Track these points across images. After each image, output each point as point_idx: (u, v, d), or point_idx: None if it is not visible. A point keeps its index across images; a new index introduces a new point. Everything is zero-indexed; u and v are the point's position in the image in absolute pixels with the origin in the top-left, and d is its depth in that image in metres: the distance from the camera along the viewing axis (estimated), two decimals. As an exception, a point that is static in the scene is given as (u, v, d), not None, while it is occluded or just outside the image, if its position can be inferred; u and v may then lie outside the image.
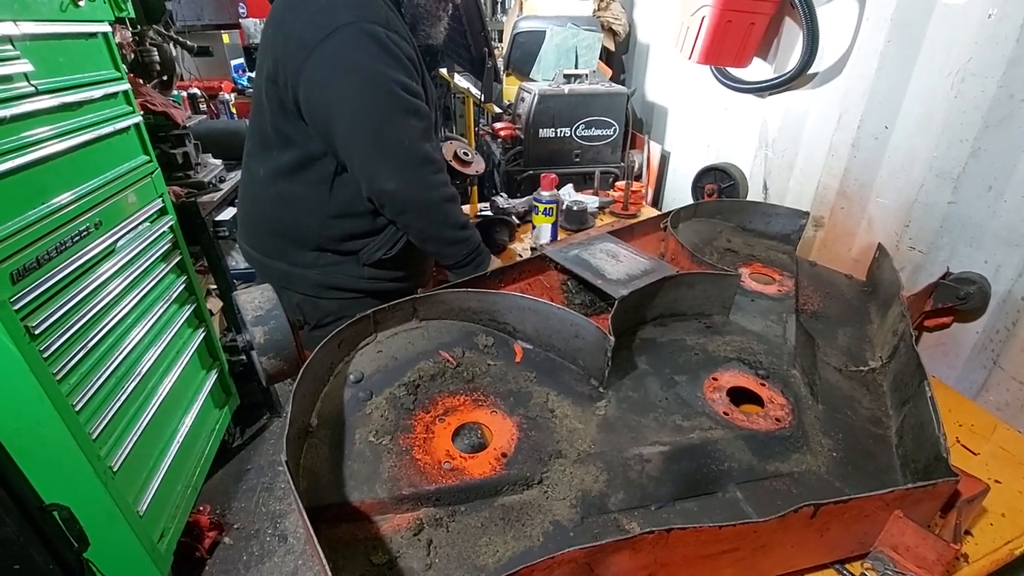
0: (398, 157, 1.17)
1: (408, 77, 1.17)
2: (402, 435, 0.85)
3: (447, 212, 1.27)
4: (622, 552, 0.67)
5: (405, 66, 1.17)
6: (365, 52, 1.12)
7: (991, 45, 1.24)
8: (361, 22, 1.11)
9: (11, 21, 1.28)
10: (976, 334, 1.35)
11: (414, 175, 1.20)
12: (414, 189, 1.21)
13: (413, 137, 1.18)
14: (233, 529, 2.13)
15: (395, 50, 1.15)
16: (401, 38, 1.17)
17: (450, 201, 1.26)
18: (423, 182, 1.21)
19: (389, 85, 1.14)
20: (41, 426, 1.31)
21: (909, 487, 0.76)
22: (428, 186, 1.22)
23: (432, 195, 1.23)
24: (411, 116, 1.17)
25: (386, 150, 1.16)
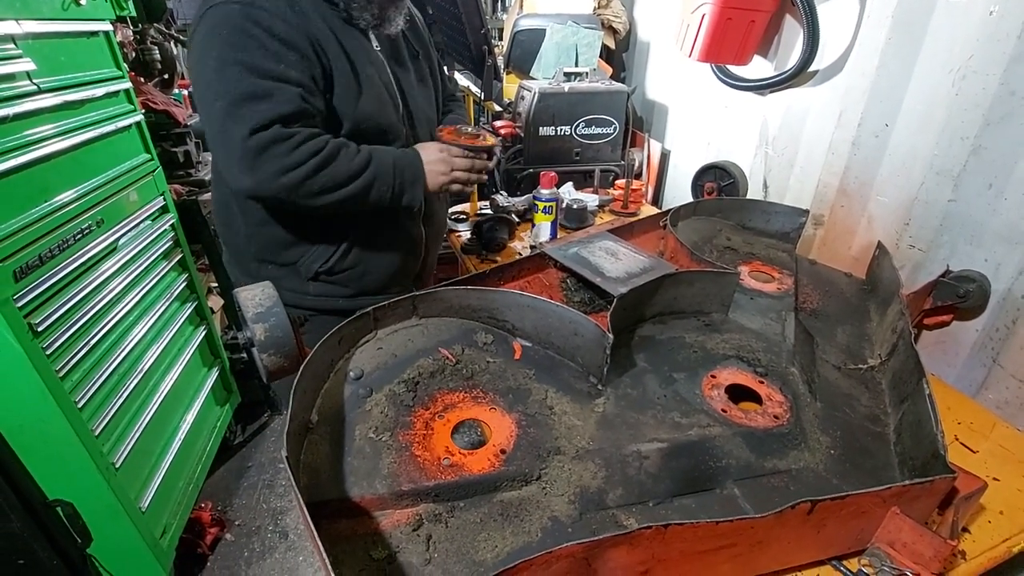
0: (241, 150, 1.06)
1: (265, 58, 1.05)
2: (402, 431, 0.86)
3: (329, 174, 1.12)
4: (620, 547, 0.67)
5: (261, 43, 1.05)
6: (214, 35, 1.05)
7: (992, 42, 1.24)
8: (227, 2, 1.05)
9: (13, 20, 1.28)
10: (976, 332, 1.35)
11: (262, 165, 1.07)
12: (271, 177, 1.08)
13: (255, 123, 1.04)
14: (234, 526, 2.14)
15: (253, 29, 1.04)
16: (274, 15, 1.06)
17: (324, 164, 1.11)
18: (277, 167, 1.07)
19: (229, 70, 1.04)
20: (44, 423, 1.32)
21: (906, 484, 0.77)
22: (283, 168, 1.08)
23: (296, 174, 1.09)
24: (253, 101, 1.05)
25: (229, 146, 1.07)
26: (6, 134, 1.26)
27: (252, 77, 1.05)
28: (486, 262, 1.84)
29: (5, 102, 1.26)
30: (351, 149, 1.17)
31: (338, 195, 1.15)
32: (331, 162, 1.13)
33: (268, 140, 1.06)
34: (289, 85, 1.08)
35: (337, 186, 1.14)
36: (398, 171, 1.20)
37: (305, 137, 1.10)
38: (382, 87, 1.25)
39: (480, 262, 1.85)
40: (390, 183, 1.19)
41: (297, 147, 1.08)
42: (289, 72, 1.08)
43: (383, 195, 1.19)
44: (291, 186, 1.10)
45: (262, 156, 1.06)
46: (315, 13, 1.14)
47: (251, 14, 1.05)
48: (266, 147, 1.06)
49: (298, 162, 1.09)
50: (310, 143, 1.10)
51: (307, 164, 1.09)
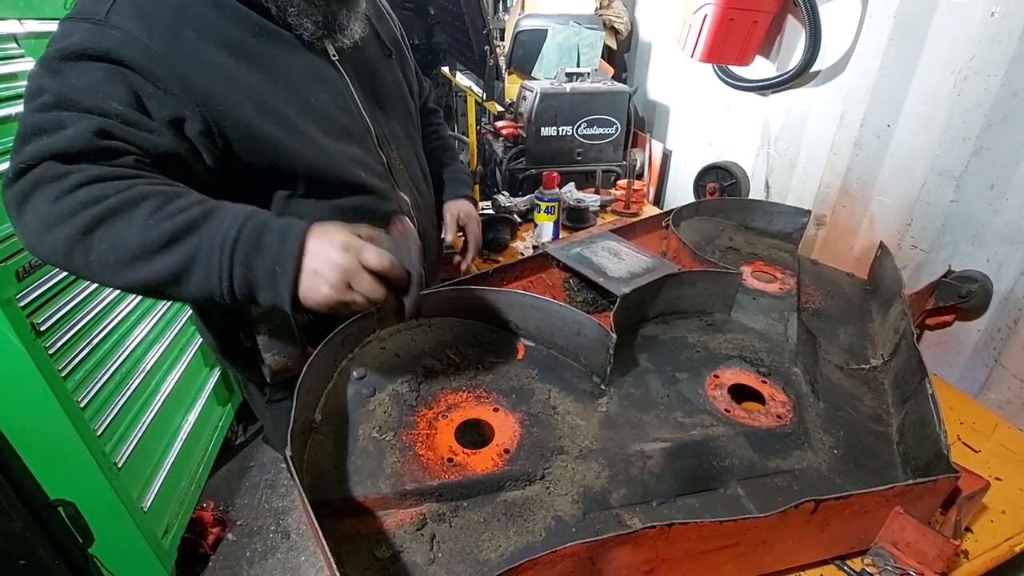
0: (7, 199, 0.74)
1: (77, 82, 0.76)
2: (405, 431, 0.86)
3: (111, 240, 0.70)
4: (623, 547, 0.67)
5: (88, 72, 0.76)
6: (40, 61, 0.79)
7: (994, 43, 1.24)
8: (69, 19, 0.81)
9: (16, 19, 1.29)
10: (978, 332, 1.35)
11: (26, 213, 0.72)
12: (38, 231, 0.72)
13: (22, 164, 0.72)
14: (236, 525, 2.14)
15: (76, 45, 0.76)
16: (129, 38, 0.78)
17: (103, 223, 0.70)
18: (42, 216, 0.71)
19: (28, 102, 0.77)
20: (46, 422, 1.33)
21: (909, 483, 0.77)
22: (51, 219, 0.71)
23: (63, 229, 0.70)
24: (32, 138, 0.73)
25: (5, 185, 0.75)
26: (8, 134, 1.26)
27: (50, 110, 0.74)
28: (488, 262, 1.84)
29: (7, 102, 1.26)
30: (172, 203, 0.73)
31: (130, 275, 0.72)
32: (118, 217, 0.71)
33: (32, 181, 0.72)
34: (96, 116, 0.75)
35: (123, 260, 0.71)
36: (242, 251, 0.72)
37: (89, 177, 0.72)
38: (342, 117, 0.98)
39: (482, 262, 1.85)
40: (219, 268, 0.72)
41: (70, 191, 0.71)
42: (106, 104, 0.76)
43: (208, 285, 0.72)
44: (59, 249, 0.71)
45: (26, 203, 0.72)
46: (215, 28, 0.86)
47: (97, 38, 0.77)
48: (28, 191, 0.72)
49: (65, 213, 0.70)
50: (93, 187, 0.71)
51: (76, 217, 0.70)
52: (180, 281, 0.72)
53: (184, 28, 0.83)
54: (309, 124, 0.93)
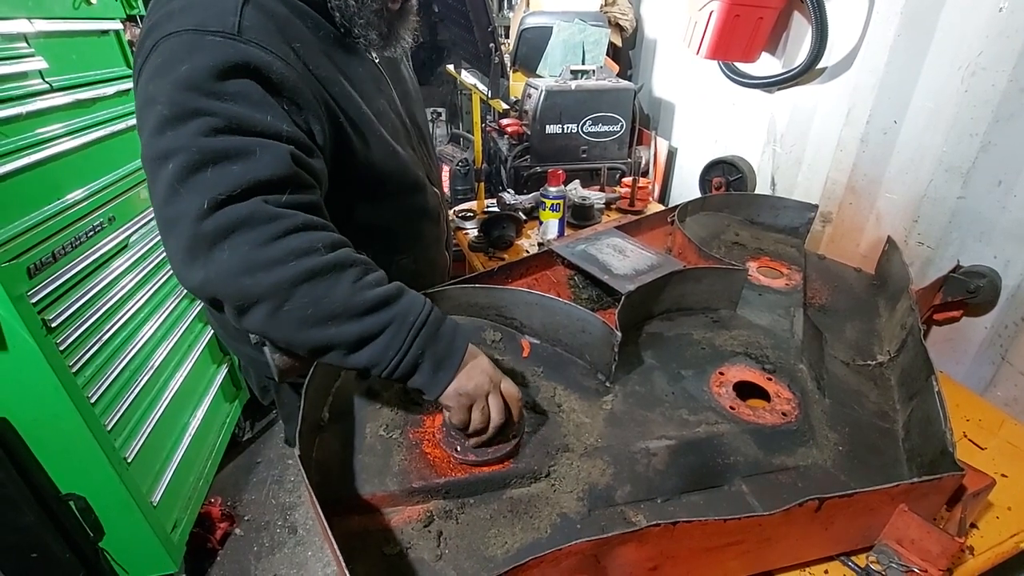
0: (192, 231, 0.69)
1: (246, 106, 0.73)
2: (412, 429, 0.87)
3: (315, 296, 0.71)
4: (629, 544, 0.68)
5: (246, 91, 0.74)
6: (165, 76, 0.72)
7: (1002, 39, 1.23)
8: (193, 31, 0.74)
9: (26, 19, 1.30)
10: (985, 329, 1.35)
11: (223, 252, 0.69)
12: (231, 273, 0.69)
13: (218, 192, 0.68)
14: (244, 520, 2.16)
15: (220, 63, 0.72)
16: (271, 52, 0.76)
17: (311, 279, 0.71)
18: (242, 259, 0.69)
19: (184, 122, 0.70)
20: (58, 417, 1.34)
21: (914, 481, 0.77)
22: (252, 265, 0.69)
23: (267, 277, 0.69)
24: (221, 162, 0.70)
25: (170, 223, 0.71)
26: (19, 132, 1.28)
27: (227, 133, 0.71)
28: (494, 260, 1.84)
29: (18, 100, 1.27)
30: (370, 273, 0.76)
31: (315, 335, 0.73)
32: (326, 276, 0.72)
33: (235, 219, 0.69)
34: (277, 141, 0.74)
35: (320, 318, 0.72)
36: (425, 333, 0.76)
37: (298, 224, 0.72)
38: (397, 121, 1.01)
39: (488, 260, 1.85)
40: (404, 343, 0.75)
41: (282, 236, 0.70)
42: (279, 125, 0.75)
43: (386, 358, 0.75)
44: (253, 295, 0.70)
45: (223, 240, 0.69)
46: (313, 38, 0.86)
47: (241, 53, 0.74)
48: (231, 228, 0.68)
49: (273, 259, 0.69)
50: (304, 235, 0.72)
51: (287, 266, 0.69)
52: (359, 347, 0.74)
53: (293, 40, 0.82)
54: (383, 131, 0.95)
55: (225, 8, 0.76)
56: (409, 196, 1.04)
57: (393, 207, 1.03)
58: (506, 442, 0.83)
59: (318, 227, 0.75)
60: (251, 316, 0.72)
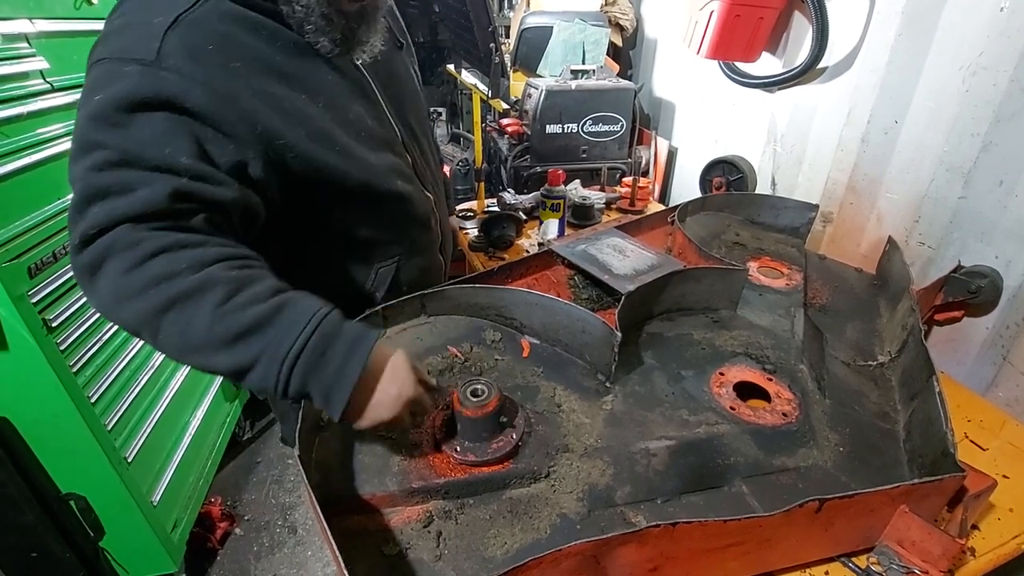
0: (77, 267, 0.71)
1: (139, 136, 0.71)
2: (412, 429, 0.86)
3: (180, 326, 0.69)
4: (628, 545, 0.68)
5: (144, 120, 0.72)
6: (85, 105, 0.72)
7: (1003, 39, 1.23)
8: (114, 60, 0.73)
9: (27, 19, 1.30)
10: (986, 329, 1.34)
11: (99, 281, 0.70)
12: (111, 302, 0.70)
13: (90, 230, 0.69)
14: (244, 520, 2.16)
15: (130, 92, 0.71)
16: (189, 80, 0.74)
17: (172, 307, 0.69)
18: (112, 290, 0.69)
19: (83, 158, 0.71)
20: (58, 417, 1.34)
21: (915, 482, 0.77)
22: (120, 294, 0.69)
23: (134, 309, 0.69)
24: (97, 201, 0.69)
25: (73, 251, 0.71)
26: (20, 132, 1.28)
27: (113, 168, 0.70)
28: (494, 260, 1.84)
29: (20, 100, 1.27)
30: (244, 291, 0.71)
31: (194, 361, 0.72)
32: (188, 301, 0.69)
33: (102, 249, 0.69)
34: (169, 175, 0.72)
35: (188, 347, 0.71)
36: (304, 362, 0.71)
37: (160, 247, 0.69)
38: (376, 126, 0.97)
39: (488, 259, 1.85)
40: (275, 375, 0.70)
41: (141, 263, 0.68)
42: (176, 158, 0.72)
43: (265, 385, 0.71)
44: (130, 324, 0.71)
45: (97, 272, 0.70)
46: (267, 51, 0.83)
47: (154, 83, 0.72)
48: (101, 258, 0.69)
49: (136, 289, 0.68)
50: (162, 259, 0.69)
51: (147, 295, 0.68)
52: (241, 376, 0.72)
53: (232, 60, 0.78)
54: (354, 142, 0.91)
55: (151, 32, 0.74)
56: (387, 205, 0.99)
57: (369, 216, 0.99)
58: (506, 441, 0.83)
59: (189, 245, 0.71)
60: (144, 339, 0.73)
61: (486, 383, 0.83)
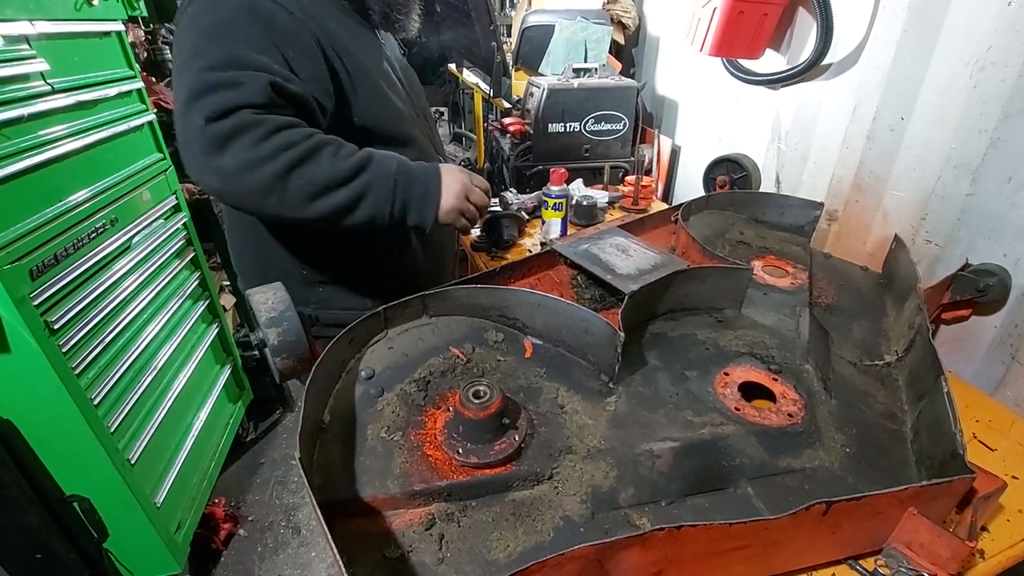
0: (201, 141, 0.89)
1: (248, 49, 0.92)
2: (413, 431, 0.86)
3: (306, 176, 0.93)
4: (632, 548, 0.67)
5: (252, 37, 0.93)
6: (193, 26, 0.94)
7: (1011, 33, 1.21)
8: None
9: (27, 20, 1.30)
10: (994, 328, 1.33)
11: (225, 157, 0.89)
12: (236, 173, 0.90)
13: (209, 113, 0.88)
14: (247, 521, 2.16)
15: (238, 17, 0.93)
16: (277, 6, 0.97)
17: (300, 162, 0.92)
18: (242, 160, 0.89)
19: (192, 64, 0.91)
20: (61, 419, 1.34)
21: (924, 484, 0.75)
22: (251, 162, 0.89)
23: (263, 171, 0.90)
24: (209, 92, 0.89)
25: (187, 141, 0.91)
26: (21, 134, 1.27)
27: (226, 67, 0.90)
28: (496, 260, 1.84)
29: (20, 102, 1.27)
30: (343, 148, 0.97)
31: (319, 206, 0.95)
32: (309, 160, 0.92)
33: (230, 127, 0.88)
34: (265, 74, 0.92)
35: (315, 193, 0.94)
36: (402, 182, 1.00)
37: (278, 125, 0.91)
38: (398, 85, 1.17)
39: (490, 260, 1.84)
40: (388, 196, 0.99)
41: (267, 137, 0.90)
42: (270, 63, 0.93)
43: (380, 210, 0.99)
44: (260, 187, 0.91)
45: (226, 148, 0.88)
46: (323, 9, 1.06)
47: (252, 3, 0.94)
48: (229, 136, 0.88)
49: (266, 156, 0.89)
50: (284, 133, 0.91)
51: (278, 159, 0.90)
52: (355, 207, 0.98)
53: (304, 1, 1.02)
54: (381, 83, 1.12)
55: None
56: (400, 149, 1.11)
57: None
58: (509, 443, 0.82)
59: (294, 125, 0.94)
60: (268, 205, 0.94)
61: (488, 384, 0.82)
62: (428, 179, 1.04)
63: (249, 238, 1.22)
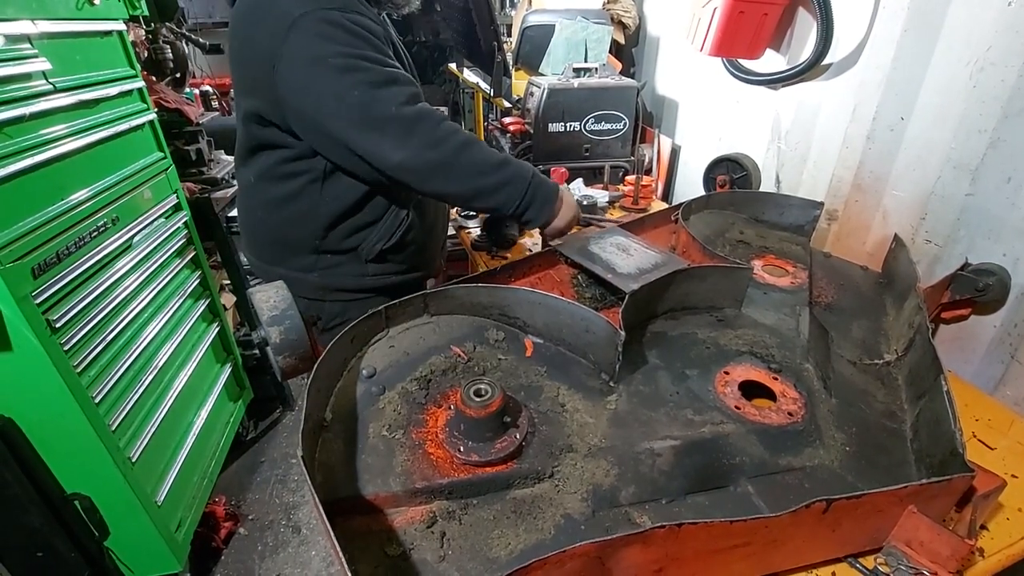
0: (392, 126, 1.11)
1: (377, 51, 1.13)
2: (415, 429, 0.86)
3: (470, 158, 1.15)
4: (633, 546, 0.67)
5: (372, 42, 1.13)
6: (327, 39, 1.09)
7: (1011, 33, 1.22)
8: (316, 11, 1.08)
9: (29, 20, 1.30)
10: (994, 328, 1.33)
11: (413, 137, 1.11)
12: (420, 150, 1.12)
13: (399, 102, 1.11)
14: (248, 520, 2.16)
15: (357, 29, 1.11)
16: (361, 15, 1.15)
17: (466, 146, 1.15)
18: (426, 140, 1.12)
19: (359, 63, 1.10)
20: (62, 417, 1.34)
21: (923, 483, 0.76)
22: (432, 142, 1.12)
23: (441, 150, 1.13)
24: (391, 85, 1.12)
25: (377, 124, 1.11)
26: (23, 133, 1.28)
27: (382, 67, 1.12)
28: (496, 259, 1.84)
29: (22, 101, 1.27)
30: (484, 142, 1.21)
31: (472, 185, 1.17)
32: (471, 145, 1.15)
33: (415, 113, 1.12)
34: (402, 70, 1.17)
35: (476, 174, 1.16)
36: (535, 185, 1.21)
37: (443, 116, 1.16)
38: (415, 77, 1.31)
39: (490, 259, 1.85)
40: (522, 191, 1.20)
41: (441, 123, 1.14)
42: (394, 62, 1.17)
43: (511, 200, 1.20)
44: (436, 163, 1.13)
45: (413, 129, 1.11)
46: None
47: (354, 19, 1.12)
48: (415, 119, 1.11)
49: (443, 138, 1.13)
50: (449, 123, 1.16)
51: (451, 141, 1.13)
52: (496, 191, 1.19)
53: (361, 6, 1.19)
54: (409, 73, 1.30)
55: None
56: None
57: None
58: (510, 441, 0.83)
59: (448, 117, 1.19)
60: (434, 180, 1.16)
61: (489, 383, 0.82)
62: (552, 192, 1.25)
63: (271, 212, 1.34)
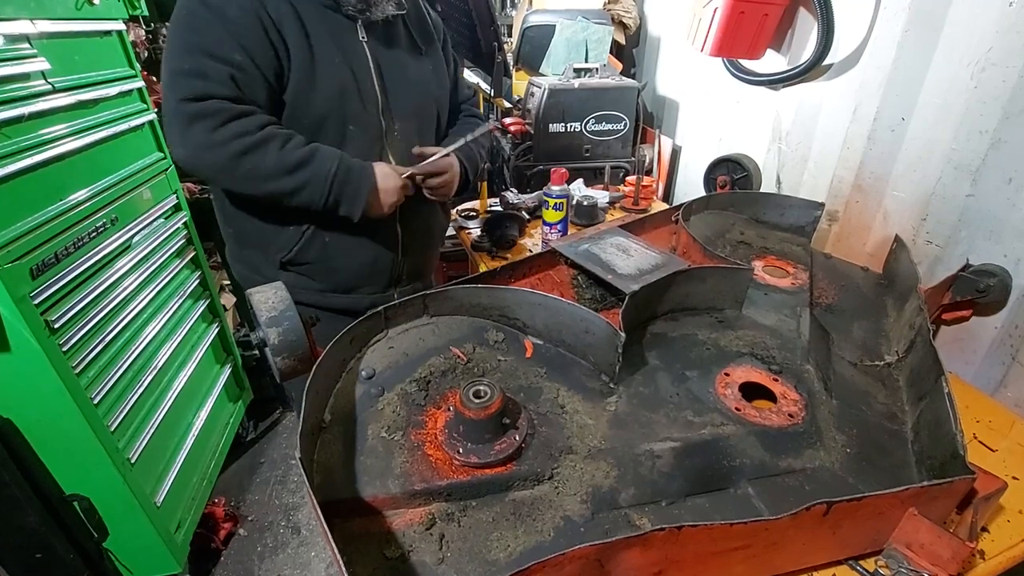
0: (175, 120, 1.08)
1: (210, 39, 1.07)
2: (414, 431, 0.86)
3: (253, 163, 1.09)
4: (633, 549, 0.67)
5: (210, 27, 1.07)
6: (175, 19, 1.09)
7: (1012, 34, 1.21)
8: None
9: (28, 20, 1.30)
10: (995, 329, 1.33)
11: (190, 136, 1.07)
12: (197, 150, 1.09)
13: (181, 97, 1.06)
14: (247, 521, 2.16)
15: (202, 11, 1.07)
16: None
17: (249, 151, 1.09)
18: (202, 141, 1.07)
19: (170, 50, 1.08)
20: (61, 418, 1.34)
21: (924, 485, 0.75)
22: (208, 144, 1.07)
23: (218, 152, 1.08)
24: (190, 77, 1.06)
25: (167, 116, 1.09)
26: (22, 133, 1.27)
27: (195, 55, 1.06)
28: (496, 259, 1.84)
29: (21, 101, 1.27)
30: (291, 141, 1.12)
31: (264, 189, 1.13)
32: (257, 150, 1.09)
33: (196, 111, 1.06)
34: (227, 67, 1.07)
35: (263, 179, 1.11)
36: (339, 182, 1.15)
37: (233, 115, 1.08)
38: (349, 78, 1.20)
39: (491, 259, 1.84)
40: (323, 192, 1.15)
41: (223, 124, 1.07)
42: (232, 55, 1.07)
43: (314, 201, 1.16)
44: (217, 165, 1.10)
45: (190, 127, 1.07)
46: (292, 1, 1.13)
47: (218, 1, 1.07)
48: (194, 117, 1.06)
49: (221, 141, 1.07)
50: (237, 123, 1.08)
51: (231, 146, 1.07)
52: (295, 195, 1.15)
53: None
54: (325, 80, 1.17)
55: None
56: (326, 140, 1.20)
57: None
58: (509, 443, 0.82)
59: (249, 114, 1.10)
60: (224, 180, 1.16)
61: (489, 384, 0.82)
62: (361, 185, 1.18)
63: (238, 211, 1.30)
